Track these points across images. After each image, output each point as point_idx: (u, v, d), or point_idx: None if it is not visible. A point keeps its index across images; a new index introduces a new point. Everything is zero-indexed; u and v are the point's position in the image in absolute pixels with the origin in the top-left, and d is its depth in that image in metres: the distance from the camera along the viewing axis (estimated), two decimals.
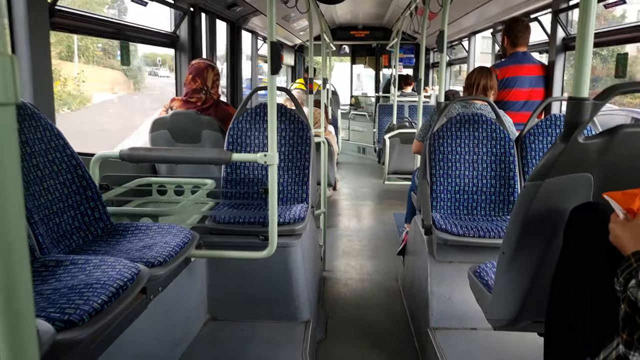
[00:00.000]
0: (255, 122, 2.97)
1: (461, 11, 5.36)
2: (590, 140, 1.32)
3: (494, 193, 2.84)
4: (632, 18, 5.96)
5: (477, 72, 3.25)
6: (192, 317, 2.54)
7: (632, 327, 0.91)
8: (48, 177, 1.81)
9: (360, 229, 5.18)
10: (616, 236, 1.15)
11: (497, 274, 1.61)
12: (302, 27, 8.29)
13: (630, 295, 0.91)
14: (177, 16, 3.84)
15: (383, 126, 7.77)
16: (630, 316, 0.92)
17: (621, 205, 1.16)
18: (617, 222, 1.17)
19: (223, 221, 2.60)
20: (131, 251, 1.74)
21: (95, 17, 2.82)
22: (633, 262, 1.05)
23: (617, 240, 1.15)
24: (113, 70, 6.88)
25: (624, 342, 0.93)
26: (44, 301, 1.27)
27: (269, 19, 2.03)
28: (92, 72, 6.33)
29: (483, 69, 3.29)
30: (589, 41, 1.24)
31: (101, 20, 2.88)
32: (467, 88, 3.25)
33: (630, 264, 1.05)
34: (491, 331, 2.03)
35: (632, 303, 0.91)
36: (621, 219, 1.16)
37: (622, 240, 1.13)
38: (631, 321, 0.91)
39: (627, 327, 0.92)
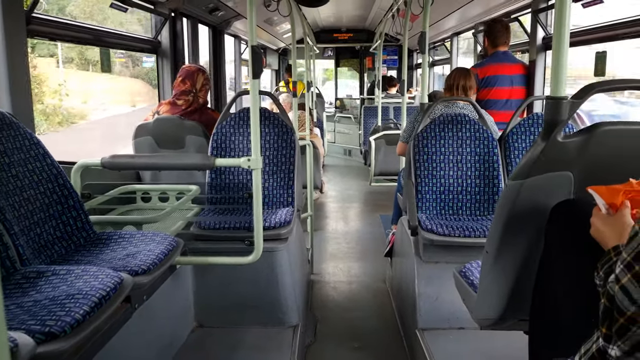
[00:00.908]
0: (239, 126, 2.96)
1: (443, 12, 5.39)
2: (570, 138, 1.33)
3: (479, 192, 2.86)
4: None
5: (456, 72, 3.29)
6: (179, 324, 2.52)
7: (611, 321, 0.92)
8: (28, 187, 1.78)
9: (347, 231, 5.18)
10: (597, 230, 1.17)
11: (481, 274, 1.62)
12: (285, 30, 8.29)
13: (610, 289, 0.93)
14: (158, 22, 3.81)
15: (368, 128, 7.79)
16: (609, 310, 0.93)
17: (605, 200, 1.17)
18: (599, 216, 1.18)
19: (208, 227, 2.58)
20: (114, 260, 1.72)
21: (74, 24, 2.79)
22: (613, 256, 1.06)
23: (598, 234, 1.16)
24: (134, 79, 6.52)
25: (603, 335, 0.95)
26: (24, 313, 1.24)
27: (249, 22, 2.02)
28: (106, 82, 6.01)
29: (462, 70, 3.32)
30: (565, 41, 1.25)
31: (80, 27, 2.85)
32: (447, 89, 3.28)
33: (610, 258, 1.06)
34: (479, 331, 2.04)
35: (610, 297, 0.92)
36: (603, 213, 1.17)
37: (603, 235, 1.15)
38: (610, 315, 0.92)
39: (607, 321, 0.94)
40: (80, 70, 5.55)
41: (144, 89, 6.83)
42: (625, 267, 0.88)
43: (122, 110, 7.21)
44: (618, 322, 0.88)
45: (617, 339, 0.89)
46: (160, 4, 3.71)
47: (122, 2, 3.15)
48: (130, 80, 6.77)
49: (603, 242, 1.14)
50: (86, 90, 6.08)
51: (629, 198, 1.16)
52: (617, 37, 3.01)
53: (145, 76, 6.54)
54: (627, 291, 0.86)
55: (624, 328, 0.87)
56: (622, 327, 0.88)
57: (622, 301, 0.87)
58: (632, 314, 0.85)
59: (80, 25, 2.86)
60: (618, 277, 0.89)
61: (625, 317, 0.86)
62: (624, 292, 0.87)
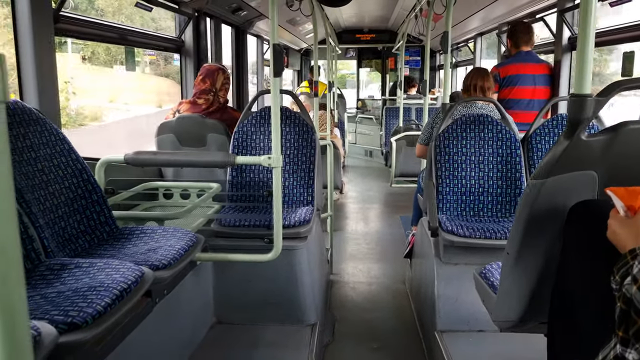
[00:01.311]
0: (260, 125, 2.98)
1: (466, 13, 5.34)
2: (594, 137, 1.31)
3: (501, 194, 2.82)
4: None
5: (474, 73, 3.26)
6: (199, 320, 2.55)
7: (628, 324, 0.89)
8: (53, 181, 1.82)
9: (367, 232, 5.17)
10: (614, 232, 1.14)
11: (502, 275, 1.60)
12: (307, 30, 8.31)
13: (626, 292, 0.90)
14: (182, 21, 3.86)
15: (390, 129, 7.76)
16: (626, 313, 0.91)
17: (623, 202, 1.15)
18: (616, 218, 1.15)
19: (228, 224, 2.60)
20: (136, 254, 1.74)
21: (100, 23, 2.84)
22: (629, 259, 1.04)
23: (614, 237, 1.14)
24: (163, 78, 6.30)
25: (620, 339, 0.92)
26: (48, 304, 1.27)
27: (271, 21, 2.04)
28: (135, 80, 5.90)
29: (479, 70, 3.29)
30: (590, 39, 1.23)
31: (106, 26, 2.90)
32: (465, 89, 3.26)
33: (627, 262, 1.04)
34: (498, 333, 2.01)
35: (627, 300, 0.90)
36: (621, 216, 1.14)
37: (620, 237, 1.12)
38: (627, 318, 0.90)
39: (623, 324, 0.91)
40: (107, 67, 5.53)
41: (173, 88, 6.58)
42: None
43: (146, 110, 7.03)
44: (636, 324, 0.86)
45: (635, 341, 0.87)
46: (184, 4, 3.76)
47: (147, 2, 3.20)
48: (159, 79, 6.70)
49: (620, 245, 1.11)
50: (112, 88, 6.02)
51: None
52: None
53: (176, 75, 6.42)
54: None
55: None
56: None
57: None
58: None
59: (106, 24, 2.92)
60: (636, 277, 0.87)
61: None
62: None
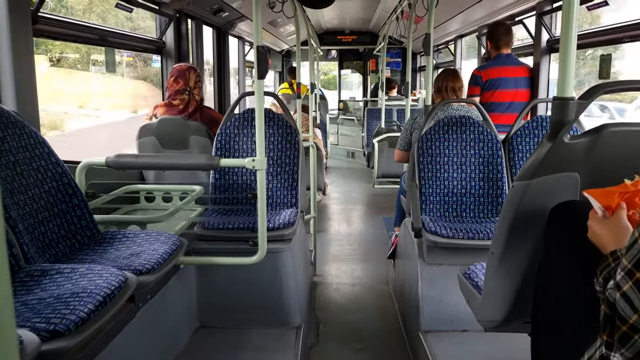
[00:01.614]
0: (243, 127, 2.96)
1: (447, 15, 5.40)
2: (576, 139, 1.33)
3: (483, 195, 2.85)
4: None
5: (444, 75, 3.31)
6: (182, 324, 2.52)
7: (612, 328, 0.91)
8: (33, 185, 1.79)
9: (350, 233, 5.17)
10: (594, 234, 1.16)
11: (486, 275, 1.61)
12: (289, 32, 8.31)
13: (609, 296, 0.92)
14: (163, 22, 3.82)
15: (371, 130, 7.79)
16: (610, 317, 0.92)
17: (600, 203, 1.16)
18: (595, 219, 1.17)
19: (212, 227, 2.58)
20: (118, 259, 1.72)
21: (79, 24, 2.79)
22: (611, 261, 1.05)
23: (595, 238, 1.16)
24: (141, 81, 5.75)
25: (605, 343, 0.94)
26: (29, 311, 1.25)
27: (254, 23, 2.03)
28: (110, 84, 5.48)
29: (448, 72, 3.33)
30: (572, 43, 1.25)
31: (85, 27, 2.85)
32: (437, 91, 3.29)
33: (608, 264, 1.05)
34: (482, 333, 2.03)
35: (611, 304, 0.91)
36: (599, 217, 1.16)
37: (601, 238, 1.14)
38: (611, 322, 0.91)
39: (607, 328, 0.93)
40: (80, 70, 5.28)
41: (151, 91, 6.25)
42: (626, 275, 0.86)
43: (119, 116, 6.55)
44: (620, 330, 0.87)
45: (619, 346, 0.88)
46: (165, 5, 3.72)
47: (127, 2, 3.16)
48: (137, 82, 6.38)
49: (601, 246, 1.13)
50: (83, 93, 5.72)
51: (625, 200, 1.16)
52: (623, 39, 3.00)
53: (155, 77, 5.97)
54: (628, 299, 0.85)
55: (627, 336, 0.86)
56: (625, 335, 0.86)
57: (623, 309, 0.86)
58: (634, 321, 0.84)
59: (86, 25, 2.87)
60: (619, 284, 0.88)
61: (628, 325, 0.85)
62: (625, 299, 0.86)
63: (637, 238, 0.85)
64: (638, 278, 0.84)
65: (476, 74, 3.77)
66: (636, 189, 1.16)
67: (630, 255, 0.86)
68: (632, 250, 0.86)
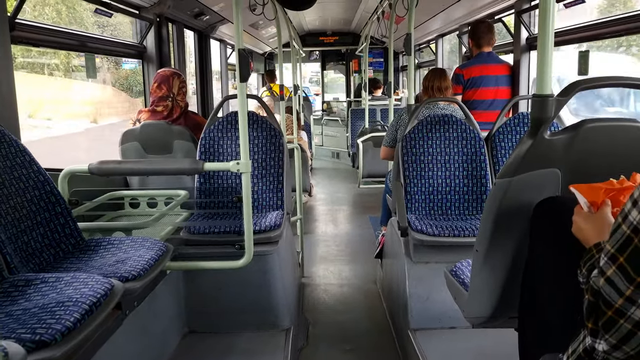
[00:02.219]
0: (227, 130, 2.95)
1: (427, 14, 5.43)
2: (556, 135, 1.35)
3: (467, 192, 2.88)
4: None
5: (431, 74, 3.33)
6: (170, 331, 2.50)
7: (597, 315, 0.92)
8: (15, 194, 1.77)
9: (337, 233, 5.18)
10: (579, 228, 1.18)
11: (472, 272, 1.63)
12: (271, 34, 8.30)
13: (593, 284, 0.93)
14: (143, 27, 3.79)
15: (356, 130, 7.81)
16: (594, 304, 0.93)
17: (586, 198, 1.19)
18: (580, 214, 1.19)
19: (198, 232, 2.57)
20: (104, 266, 1.70)
21: (59, 30, 2.77)
22: (595, 252, 1.07)
23: (579, 233, 1.18)
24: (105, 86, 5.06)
25: (590, 331, 0.95)
26: (13, 322, 1.23)
27: (235, 26, 2.03)
28: (69, 89, 4.82)
29: (436, 71, 3.36)
30: (550, 40, 1.27)
31: (64, 33, 2.83)
32: (424, 91, 3.32)
33: (592, 255, 1.07)
34: (470, 329, 2.05)
35: (595, 292, 0.93)
36: (585, 212, 1.18)
37: (585, 233, 1.16)
38: (596, 309, 0.93)
39: (592, 316, 0.94)
40: (34, 73, 4.72)
41: (116, 97, 5.59)
42: (609, 259, 0.88)
43: (74, 127, 5.61)
44: (606, 315, 0.88)
45: (604, 332, 0.90)
46: (145, 9, 3.70)
47: (107, 8, 3.14)
48: (101, 86, 5.50)
49: (584, 240, 1.15)
50: (35, 100, 4.92)
51: (610, 197, 1.18)
52: (599, 36, 3.05)
53: (124, 81, 5.47)
54: (613, 283, 0.87)
55: (612, 321, 0.87)
56: (610, 320, 0.88)
57: (609, 294, 0.87)
58: (619, 305, 0.86)
59: (65, 30, 2.85)
60: (603, 269, 0.89)
61: (613, 309, 0.87)
62: (610, 284, 0.87)
63: (620, 223, 0.87)
64: (621, 262, 0.85)
65: (458, 72, 3.80)
66: (622, 187, 1.18)
67: (613, 240, 0.88)
68: (615, 235, 0.88)
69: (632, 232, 0.84)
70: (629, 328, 0.86)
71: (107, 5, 3.15)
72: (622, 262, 0.86)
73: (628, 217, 0.85)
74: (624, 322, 0.86)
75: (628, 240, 0.85)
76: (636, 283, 0.83)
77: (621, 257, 0.86)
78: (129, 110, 5.35)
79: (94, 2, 3.05)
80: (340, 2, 7.21)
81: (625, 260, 0.85)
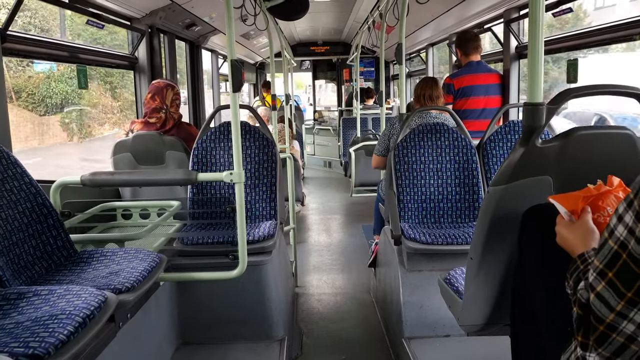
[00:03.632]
0: (220, 140, 2.95)
1: (417, 24, 5.48)
2: (548, 143, 1.36)
3: (460, 200, 2.89)
4: None
5: (423, 83, 3.35)
6: (163, 342, 2.48)
7: (586, 328, 0.92)
8: (6, 206, 1.75)
9: (330, 243, 5.18)
10: (563, 238, 1.19)
11: (466, 280, 1.63)
12: (262, 44, 8.32)
13: (580, 297, 0.94)
14: (135, 37, 3.80)
15: (348, 139, 7.83)
16: (582, 318, 0.94)
17: (566, 208, 1.20)
18: (562, 224, 1.20)
19: (191, 242, 2.56)
20: (97, 278, 1.69)
21: (50, 41, 2.76)
22: (579, 264, 1.08)
23: (563, 242, 1.19)
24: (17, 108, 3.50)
25: (580, 344, 0.96)
26: (6, 336, 1.22)
27: (227, 37, 2.03)
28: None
29: (428, 80, 3.39)
30: (540, 49, 1.29)
31: (56, 44, 2.82)
32: (416, 99, 3.34)
33: (577, 267, 1.08)
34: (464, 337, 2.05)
35: (582, 305, 0.93)
36: (566, 221, 1.19)
37: (568, 242, 1.17)
38: (585, 323, 0.93)
39: (581, 329, 0.95)
40: None
41: (31, 123, 3.78)
42: (598, 275, 0.88)
43: None
44: (597, 330, 0.88)
45: (596, 346, 0.90)
46: (136, 20, 3.71)
47: (99, 19, 3.14)
48: None
49: (569, 249, 1.16)
50: None
51: (589, 203, 1.19)
52: (588, 45, 3.09)
53: (35, 89, 3.73)
54: (603, 299, 0.87)
55: (604, 335, 0.88)
56: (602, 335, 0.88)
57: (599, 309, 0.88)
58: (610, 320, 0.86)
59: (56, 42, 2.84)
60: (592, 285, 0.89)
61: (605, 324, 0.87)
62: (600, 299, 0.88)
63: (607, 239, 0.87)
64: (611, 277, 0.86)
65: (448, 82, 3.83)
66: (599, 193, 1.20)
67: (601, 256, 0.88)
68: (603, 250, 0.88)
69: (620, 248, 0.84)
70: (621, 341, 0.86)
71: (99, 16, 3.15)
72: (611, 277, 0.86)
73: (614, 232, 0.86)
74: (616, 336, 0.86)
75: (616, 255, 0.85)
76: (626, 298, 0.84)
77: (610, 272, 0.86)
78: (44, 136, 3.56)
79: (86, 14, 3.05)
80: (330, 12, 7.26)
81: (615, 276, 0.85)
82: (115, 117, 4.76)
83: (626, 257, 0.83)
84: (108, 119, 4.93)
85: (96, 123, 4.73)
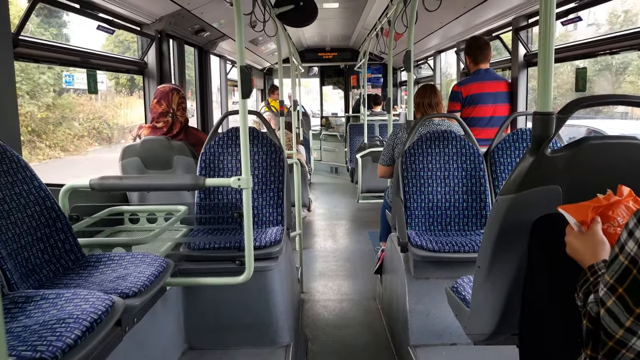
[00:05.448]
0: (228, 146, 2.96)
1: (426, 31, 5.48)
2: (557, 153, 1.36)
3: (467, 208, 2.88)
4: None
5: (422, 91, 3.35)
6: (169, 347, 2.48)
7: (596, 343, 0.92)
8: (15, 210, 1.76)
9: (336, 249, 5.17)
10: (572, 249, 1.18)
11: (474, 289, 1.62)
12: (270, 50, 8.36)
13: (590, 311, 0.93)
14: (145, 43, 3.82)
15: (354, 145, 7.83)
16: (592, 332, 0.93)
17: (575, 218, 1.19)
18: (572, 234, 1.19)
19: (198, 247, 2.56)
20: (104, 282, 1.70)
21: (61, 46, 2.79)
22: (589, 275, 1.07)
23: (573, 253, 1.18)
24: None
25: (589, 358, 0.95)
26: (14, 339, 1.22)
27: (237, 43, 2.04)
28: None
29: (426, 88, 3.38)
30: (550, 58, 1.29)
31: (67, 49, 2.85)
32: (417, 107, 3.33)
33: (587, 279, 1.07)
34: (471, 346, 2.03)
35: (592, 319, 0.92)
36: (576, 232, 1.19)
37: (578, 253, 1.16)
38: (594, 337, 0.92)
39: (590, 342, 0.94)
40: None
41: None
42: (609, 290, 0.88)
43: None
44: (607, 345, 0.88)
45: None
46: (146, 26, 3.73)
47: (109, 25, 3.16)
48: None
49: (579, 260, 1.15)
50: None
51: (599, 213, 1.18)
52: (596, 53, 3.08)
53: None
54: (613, 314, 0.86)
55: (613, 351, 0.87)
56: (611, 350, 0.87)
57: (609, 324, 0.87)
58: (620, 336, 0.85)
59: (67, 47, 2.87)
60: (602, 300, 0.89)
61: (614, 340, 0.86)
62: (610, 315, 0.87)
63: (618, 253, 0.87)
64: (621, 293, 0.85)
65: (456, 90, 3.82)
66: (609, 203, 1.19)
67: (611, 271, 0.88)
68: (613, 265, 0.87)
69: (630, 263, 0.84)
70: (630, 357, 0.86)
71: (110, 22, 3.17)
72: (621, 292, 0.85)
73: (625, 247, 0.85)
74: (626, 352, 0.86)
75: (626, 271, 0.85)
76: (635, 314, 0.83)
77: (620, 288, 0.86)
78: None
79: (96, 19, 3.07)
80: (339, 19, 7.28)
81: (625, 291, 0.85)
82: None
83: (636, 272, 0.83)
84: None
85: None
